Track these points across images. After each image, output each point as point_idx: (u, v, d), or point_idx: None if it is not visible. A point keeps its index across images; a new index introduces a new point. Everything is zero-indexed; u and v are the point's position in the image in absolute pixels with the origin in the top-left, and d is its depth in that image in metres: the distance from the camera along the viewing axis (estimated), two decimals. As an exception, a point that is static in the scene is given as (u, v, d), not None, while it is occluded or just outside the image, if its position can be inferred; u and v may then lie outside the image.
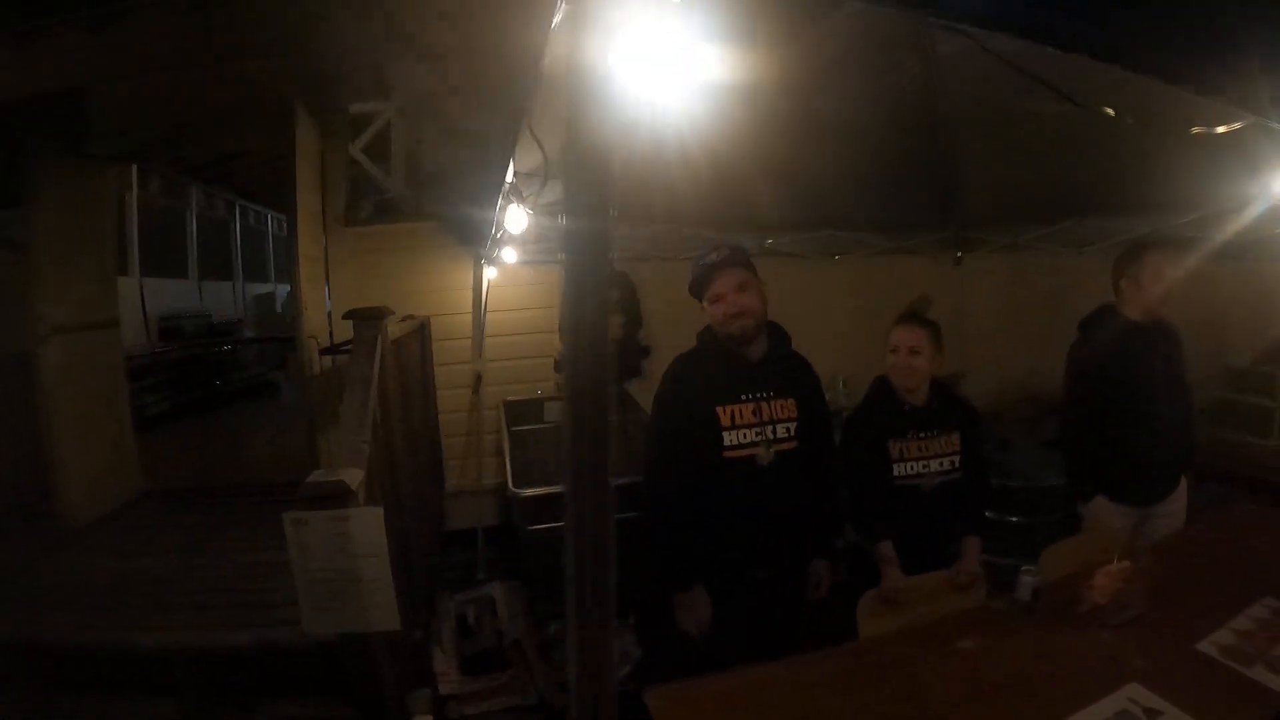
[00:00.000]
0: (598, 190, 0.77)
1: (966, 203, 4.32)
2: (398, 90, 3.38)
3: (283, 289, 11.14)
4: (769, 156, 3.13)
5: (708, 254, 2.27)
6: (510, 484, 3.11)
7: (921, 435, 2.47)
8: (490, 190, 2.98)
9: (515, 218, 2.83)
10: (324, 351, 3.53)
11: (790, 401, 2.26)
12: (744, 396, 2.20)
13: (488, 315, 4.34)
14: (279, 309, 10.63)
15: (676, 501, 2.18)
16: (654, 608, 2.35)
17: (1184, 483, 2.90)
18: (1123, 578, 2.13)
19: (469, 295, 4.30)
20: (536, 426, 4.49)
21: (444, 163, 3.74)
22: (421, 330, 3.85)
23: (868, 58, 2.76)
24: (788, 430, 2.24)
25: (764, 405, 2.21)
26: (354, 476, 2.02)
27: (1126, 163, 3.13)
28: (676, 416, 2.21)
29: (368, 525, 1.94)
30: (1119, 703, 1.71)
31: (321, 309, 3.76)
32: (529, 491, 2.98)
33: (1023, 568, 2.22)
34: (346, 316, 2.90)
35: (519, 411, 4.45)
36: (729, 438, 2.17)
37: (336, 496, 1.92)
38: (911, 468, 2.46)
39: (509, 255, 3.74)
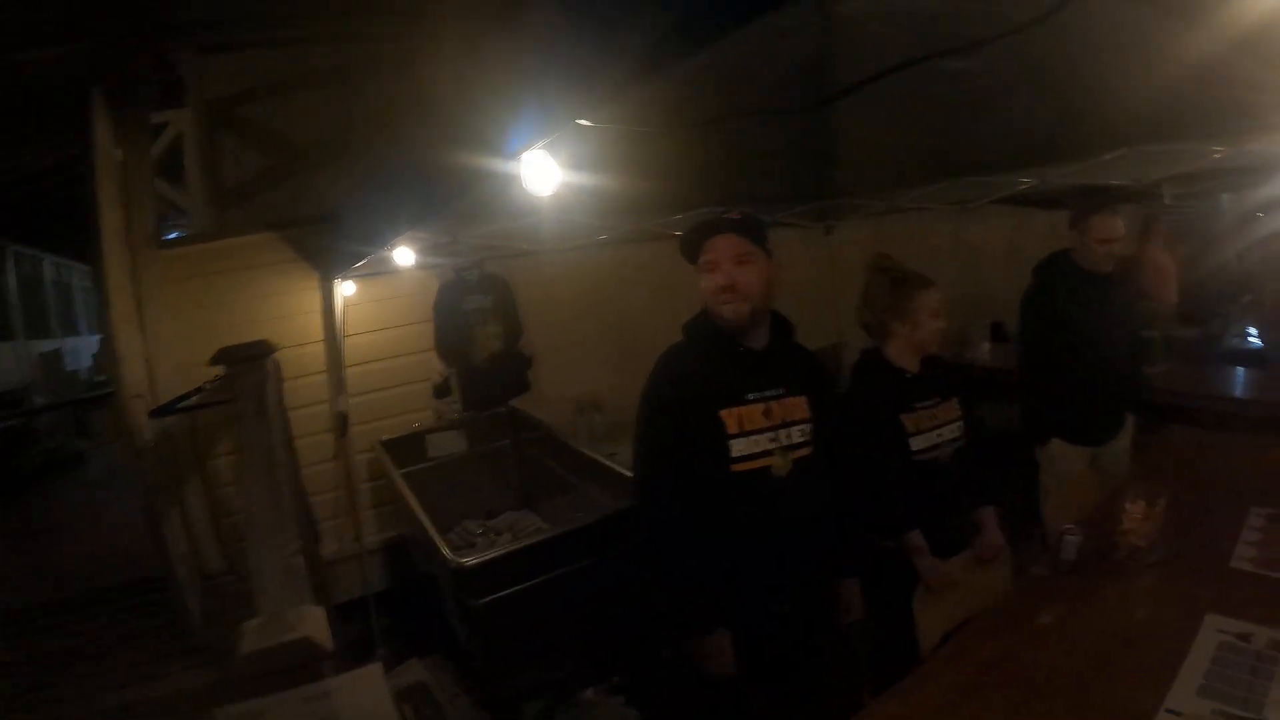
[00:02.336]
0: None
1: (845, 169, 4.53)
2: (193, 93, 3.03)
3: (72, 342, 11.02)
4: (654, 138, 3.04)
5: (702, 215, 2.13)
6: (444, 552, 2.77)
7: (927, 405, 2.51)
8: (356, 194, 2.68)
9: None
10: (156, 413, 2.96)
11: (802, 400, 2.08)
12: (751, 396, 1.99)
13: (346, 341, 3.87)
14: (69, 367, 10.06)
15: (681, 526, 1.98)
16: (670, 655, 2.21)
17: (1129, 419, 3.33)
18: (1151, 517, 2.32)
19: (319, 320, 3.82)
20: (422, 466, 4.09)
21: (265, 169, 3.36)
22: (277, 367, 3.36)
23: (768, 20, 2.77)
24: (803, 434, 2.05)
25: (774, 406, 2.02)
26: (313, 619, 1.58)
27: (1015, 118, 3.41)
28: (672, 424, 1.98)
29: (364, 693, 1.45)
30: (1211, 636, 1.91)
31: (139, 356, 3.15)
32: (474, 561, 2.69)
33: (1066, 528, 2.39)
34: (217, 359, 2.46)
35: (398, 451, 4.05)
36: (738, 447, 1.95)
37: (307, 666, 1.45)
38: (928, 439, 2.47)
39: (380, 261, 3.36)
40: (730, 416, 1.96)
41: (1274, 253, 5.22)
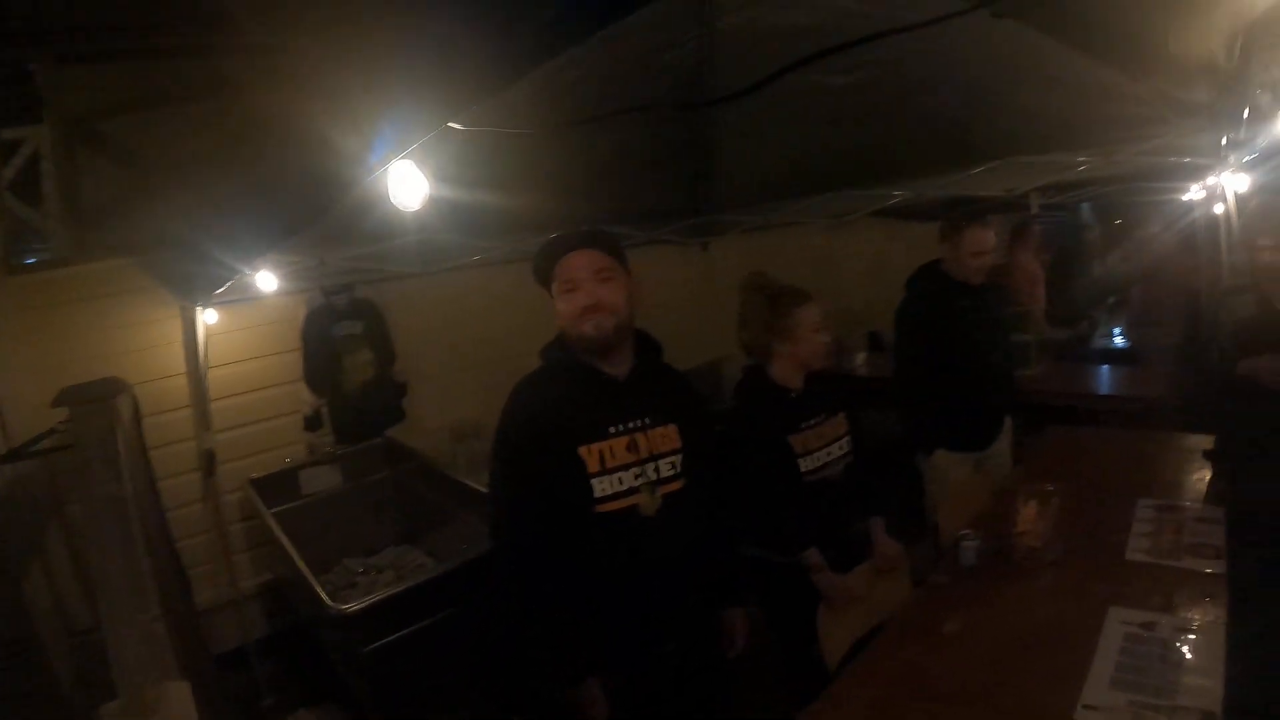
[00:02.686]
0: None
1: (721, 185, 4.54)
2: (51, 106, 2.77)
3: None
4: (529, 150, 2.96)
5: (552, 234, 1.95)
6: (324, 598, 2.58)
7: (813, 423, 2.47)
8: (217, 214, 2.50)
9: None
10: (7, 458, 2.64)
11: (671, 429, 1.91)
12: (613, 429, 1.82)
13: (210, 372, 3.59)
14: None
15: (540, 572, 1.81)
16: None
17: (1008, 423, 3.43)
18: (1044, 517, 2.37)
19: (180, 351, 3.53)
20: (296, 504, 3.83)
21: (126, 191, 3.11)
22: (133, 404, 3.06)
23: (649, 32, 2.74)
24: (672, 466, 1.88)
25: (640, 438, 1.85)
26: (177, 699, 1.40)
27: (894, 133, 3.50)
28: (527, 462, 1.80)
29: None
30: (1116, 628, 1.96)
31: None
32: (357, 607, 2.51)
33: (964, 533, 2.43)
34: (59, 401, 2.19)
35: (269, 489, 3.77)
36: (601, 486, 1.78)
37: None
38: (817, 459, 2.44)
39: (244, 287, 3.13)
40: (590, 453, 1.78)
41: (1139, 258, 5.56)
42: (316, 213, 1.84)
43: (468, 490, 3.52)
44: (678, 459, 1.89)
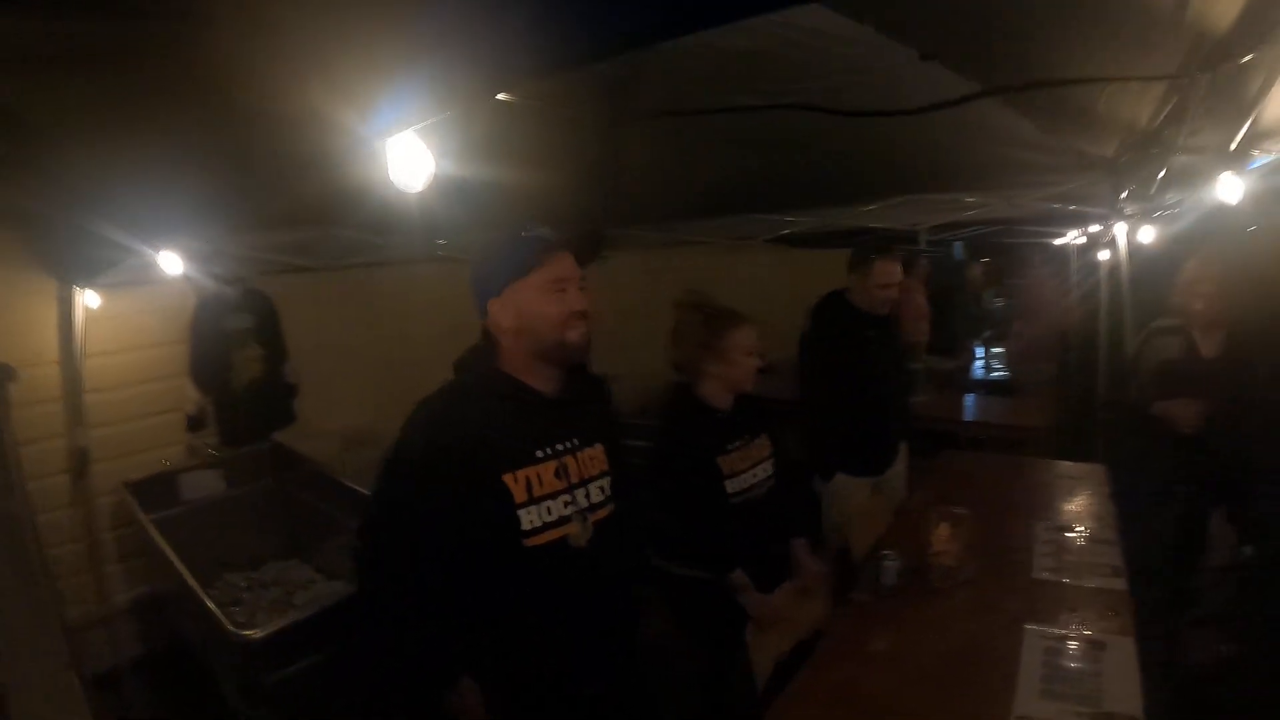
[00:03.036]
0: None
1: (629, 198, 4.57)
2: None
3: None
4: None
5: (529, 229, 1.73)
6: (224, 622, 2.39)
7: (738, 444, 2.49)
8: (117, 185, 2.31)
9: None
10: None
11: (599, 449, 1.79)
12: (541, 453, 1.66)
13: (86, 362, 3.28)
14: None
15: (419, 618, 1.66)
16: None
17: (903, 450, 3.59)
18: (957, 538, 2.50)
19: (54, 336, 3.21)
20: (175, 511, 3.55)
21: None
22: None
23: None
24: (602, 491, 1.76)
25: (569, 461, 1.70)
26: None
27: (806, 160, 3.62)
28: (434, 491, 1.60)
29: None
30: (1035, 642, 2.09)
31: None
32: (262, 634, 2.34)
33: (884, 554, 2.52)
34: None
35: (146, 494, 3.47)
36: (529, 518, 1.61)
37: None
38: (744, 481, 2.45)
39: (135, 269, 2.89)
40: (516, 481, 1.61)
41: (1019, 296, 5.99)
42: (281, 195, 1.72)
43: (359, 500, 3.35)
44: (607, 482, 1.78)
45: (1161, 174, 2.38)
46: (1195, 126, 1.78)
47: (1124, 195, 2.80)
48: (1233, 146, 1.75)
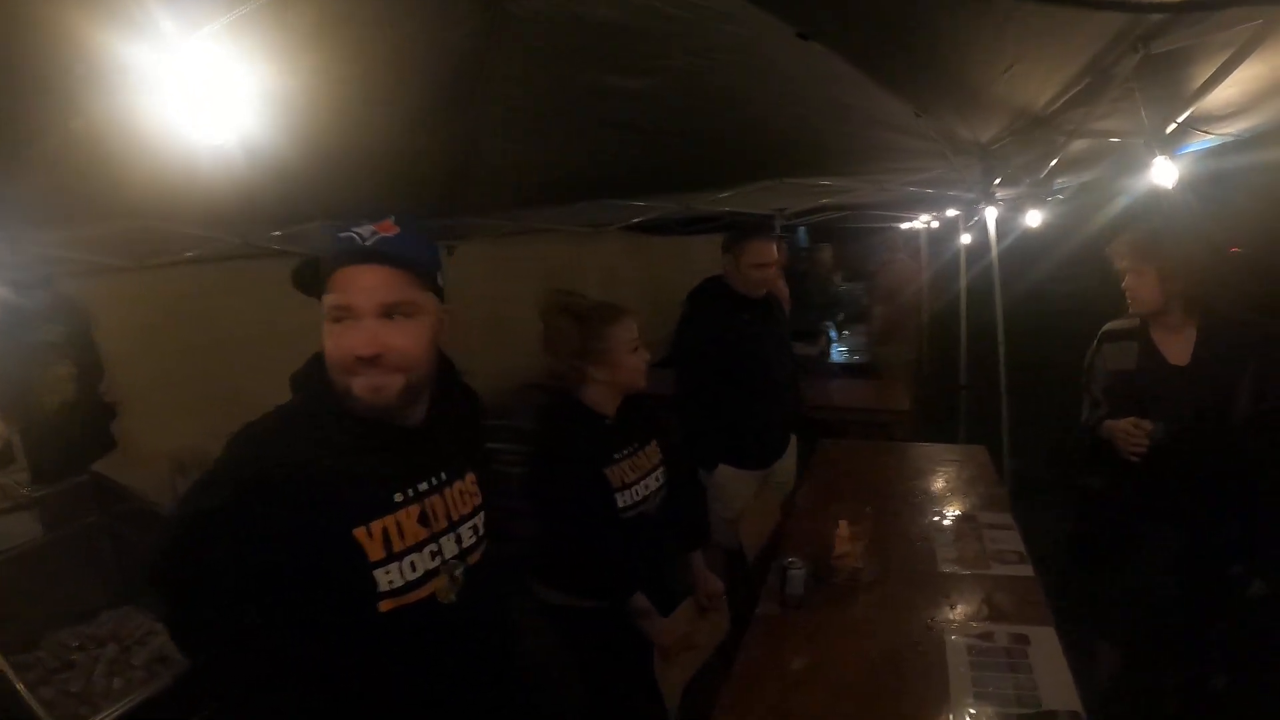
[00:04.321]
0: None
1: (481, 186, 4.34)
2: None
3: None
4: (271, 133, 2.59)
5: (348, 229, 1.33)
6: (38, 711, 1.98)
7: (627, 452, 2.31)
8: None
9: None
10: None
11: (471, 479, 1.51)
12: (401, 496, 1.35)
13: None
14: None
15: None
16: None
17: (793, 441, 3.53)
18: (860, 536, 2.48)
19: None
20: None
21: None
22: None
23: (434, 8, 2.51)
24: (475, 531, 1.48)
25: (435, 502, 1.40)
26: None
27: (677, 143, 3.53)
28: (263, 545, 1.21)
29: None
30: (959, 644, 2.07)
31: None
32: None
33: (789, 561, 2.41)
34: None
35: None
36: (387, 578, 1.30)
37: None
38: (636, 493, 2.27)
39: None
40: (371, 536, 1.29)
41: (877, 280, 6.17)
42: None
43: None
44: (480, 520, 1.49)
45: (1056, 159, 2.42)
46: (1110, 110, 1.78)
47: (998, 180, 2.86)
48: (1169, 130, 1.76)
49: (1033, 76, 1.90)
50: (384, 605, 1.29)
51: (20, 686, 2.10)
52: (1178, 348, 2.34)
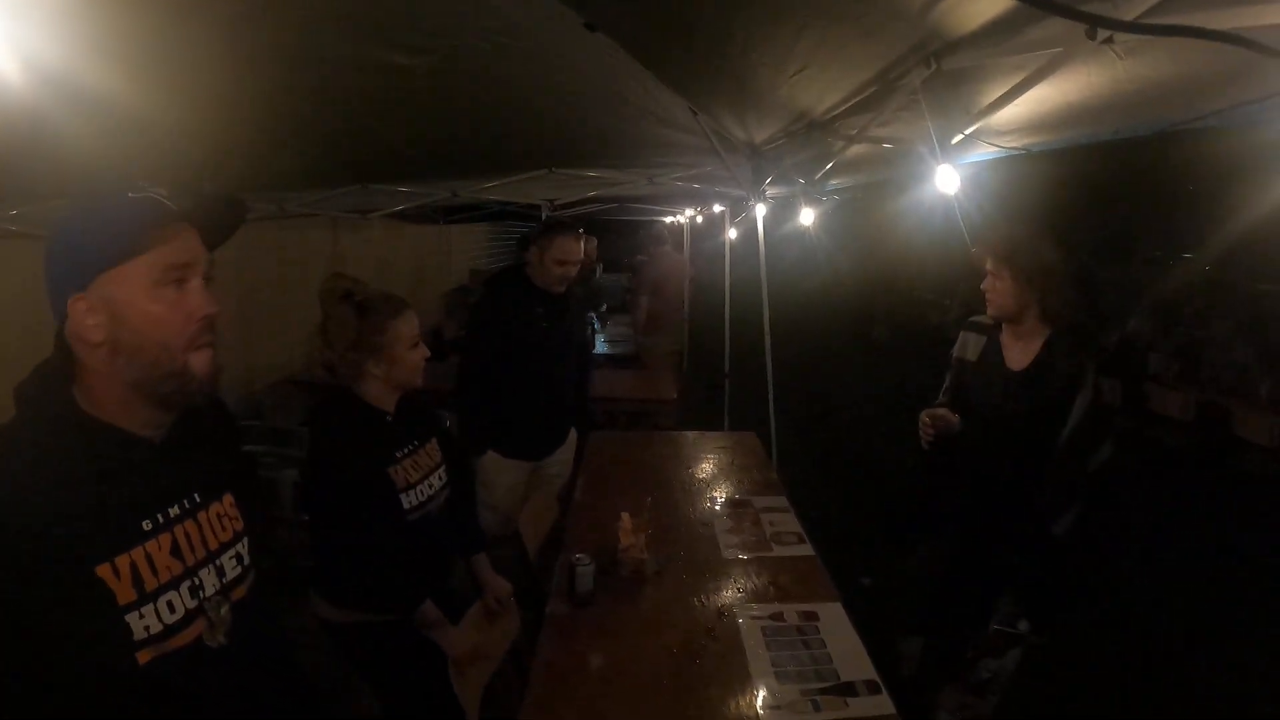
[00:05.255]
0: None
1: (239, 167, 3.94)
2: None
3: None
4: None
5: (138, 188, 1.19)
6: None
7: (408, 450, 2.22)
8: None
9: None
10: None
11: (228, 500, 1.32)
12: (150, 524, 1.16)
13: None
14: None
15: None
16: None
17: (573, 434, 3.56)
18: (641, 528, 2.52)
19: None
20: None
21: None
22: None
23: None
24: (238, 559, 1.30)
25: (190, 529, 1.22)
26: None
27: (449, 128, 3.40)
28: None
29: None
30: (751, 626, 2.16)
31: None
32: None
33: (576, 558, 2.38)
34: None
35: None
36: (141, 624, 1.11)
37: None
38: (421, 493, 2.20)
39: None
40: (119, 573, 1.10)
41: (643, 269, 6.27)
42: None
43: None
44: (244, 546, 1.32)
45: (831, 162, 2.57)
46: (893, 118, 1.91)
47: (769, 179, 3.00)
48: (955, 140, 1.91)
49: (818, 82, 1.99)
50: (142, 656, 1.11)
51: None
52: (1020, 353, 2.38)
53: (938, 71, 1.49)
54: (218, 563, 1.25)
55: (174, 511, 1.19)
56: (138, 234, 1.12)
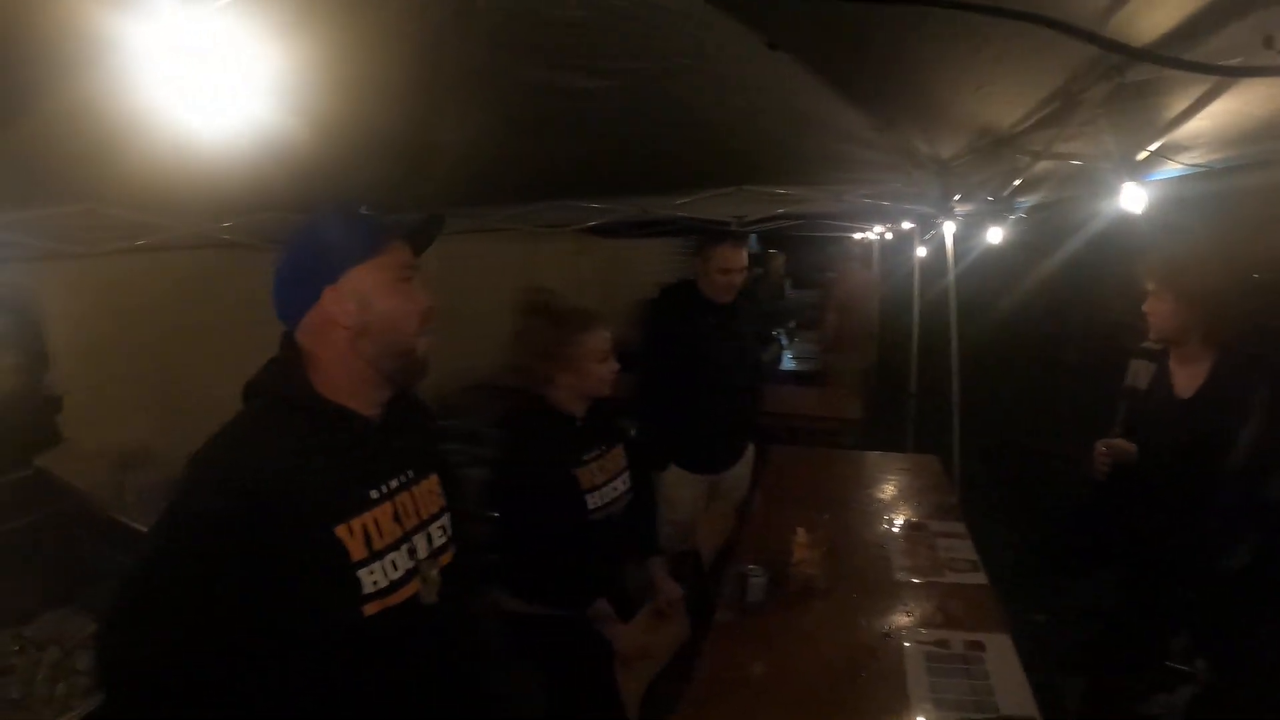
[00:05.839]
0: None
1: (437, 183, 4.29)
2: None
3: None
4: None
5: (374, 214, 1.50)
6: None
7: (595, 454, 2.33)
8: None
9: None
10: None
11: (434, 480, 1.52)
12: (375, 493, 1.35)
13: None
14: None
15: None
16: None
17: (750, 448, 3.56)
18: (816, 544, 2.52)
19: None
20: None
21: None
22: None
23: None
24: (443, 530, 1.50)
25: (405, 499, 1.41)
26: None
27: (636, 146, 3.54)
28: (238, 557, 1.20)
29: None
30: (915, 651, 2.12)
31: None
32: None
33: (749, 569, 2.45)
34: None
35: None
36: (370, 579, 1.29)
37: None
38: (604, 495, 2.28)
39: None
40: (352, 533, 1.28)
41: (830, 289, 6.26)
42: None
43: (132, 534, 2.90)
44: (447, 520, 1.52)
45: (1019, 180, 2.49)
46: (1077, 133, 1.85)
47: (957, 196, 2.93)
48: (1140, 157, 1.83)
49: (1002, 97, 1.96)
50: (368, 608, 1.28)
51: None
52: (1188, 379, 2.26)
53: (1120, 84, 1.44)
54: (428, 531, 1.44)
55: (394, 484, 1.39)
56: (379, 238, 1.36)
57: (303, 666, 1.28)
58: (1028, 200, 2.87)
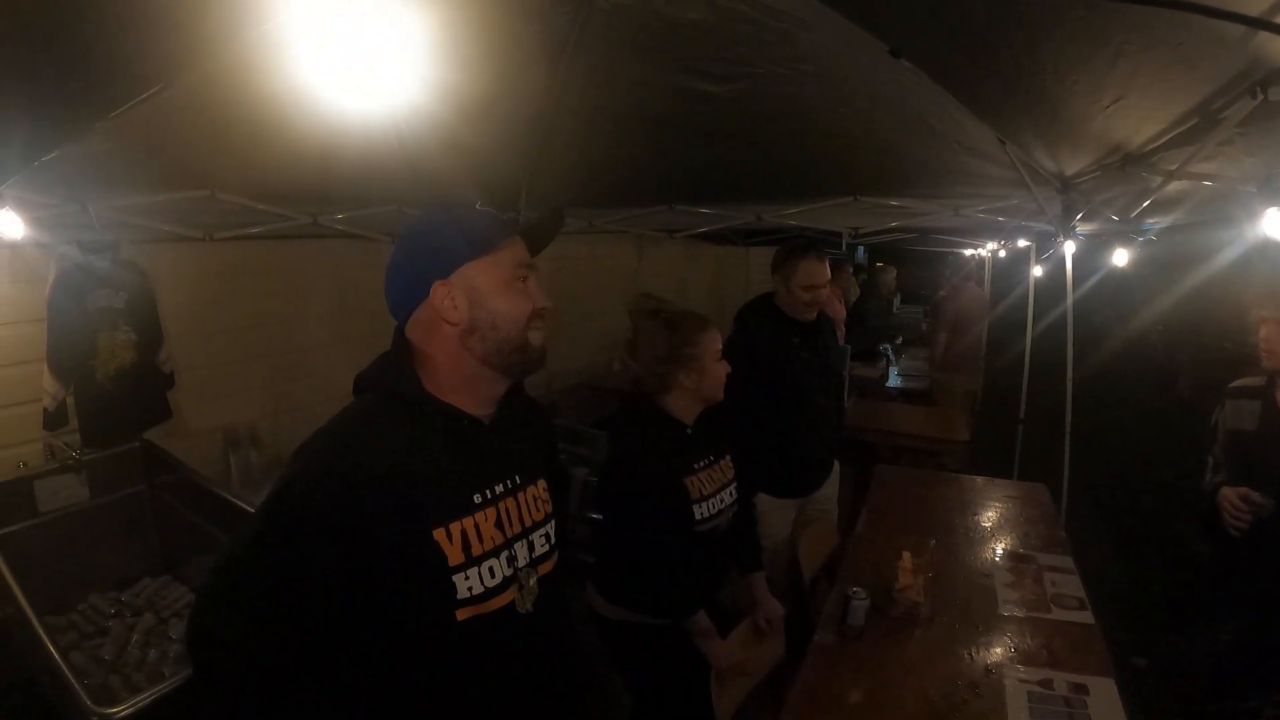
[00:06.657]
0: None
1: (551, 183, 4.34)
2: None
3: None
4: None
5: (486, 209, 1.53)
6: (79, 692, 1.82)
7: (705, 463, 2.29)
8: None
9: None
10: None
11: (541, 485, 1.49)
12: (480, 498, 1.33)
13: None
14: None
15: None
16: None
17: (836, 468, 3.41)
18: (921, 570, 2.46)
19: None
20: (30, 523, 3.02)
21: None
22: None
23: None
24: (547, 539, 1.45)
25: (509, 506, 1.38)
26: None
27: (757, 153, 3.50)
28: (336, 557, 1.20)
29: None
30: (1018, 688, 2.05)
31: None
32: (127, 711, 1.74)
33: (853, 591, 2.40)
34: None
35: (-3, 503, 2.94)
36: (465, 584, 1.28)
37: None
38: (712, 506, 2.25)
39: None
40: (451, 538, 1.27)
41: (943, 306, 6.07)
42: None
43: (238, 512, 2.92)
44: (551, 528, 1.47)
45: (1150, 199, 2.38)
46: (1215, 153, 1.76)
47: (1079, 214, 2.81)
48: None
49: (1135, 113, 1.88)
50: (461, 614, 1.27)
51: (51, 648, 2.04)
52: None
53: (1264, 102, 1.36)
54: (530, 539, 1.40)
55: (499, 489, 1.36)
56: (494, 235, 1.33)
57: (390, 665, 1.29)
58: (1156, 222, 2.73)
